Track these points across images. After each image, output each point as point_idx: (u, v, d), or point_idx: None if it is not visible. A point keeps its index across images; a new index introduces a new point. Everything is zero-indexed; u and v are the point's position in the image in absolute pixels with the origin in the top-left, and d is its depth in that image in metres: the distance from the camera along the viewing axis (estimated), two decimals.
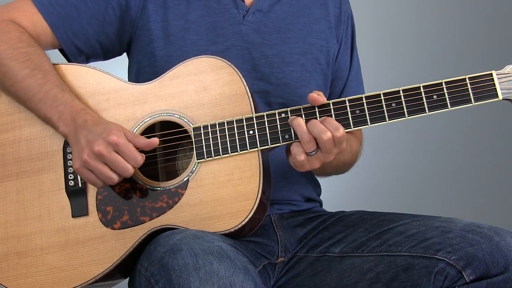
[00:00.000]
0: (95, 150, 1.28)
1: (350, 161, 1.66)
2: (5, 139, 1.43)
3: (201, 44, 1.52)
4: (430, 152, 3.35)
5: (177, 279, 1.11)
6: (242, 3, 1.57)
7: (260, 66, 1.54)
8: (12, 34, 1.44)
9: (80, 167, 1.31)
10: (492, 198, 3.34)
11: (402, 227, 1.40)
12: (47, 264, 1.36)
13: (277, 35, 1.57)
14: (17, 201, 1.40)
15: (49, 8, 1.50)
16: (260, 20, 1.57)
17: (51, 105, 1.37)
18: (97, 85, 1.43)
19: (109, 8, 1.52)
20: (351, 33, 1.73)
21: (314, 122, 1.30)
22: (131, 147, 1.29)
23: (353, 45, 1.73)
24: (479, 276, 1.24)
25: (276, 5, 1.60)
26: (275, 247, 1.51)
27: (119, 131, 1.30)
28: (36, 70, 1.40)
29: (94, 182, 1.32)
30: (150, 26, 1.53)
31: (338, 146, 1.31)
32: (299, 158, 1.31)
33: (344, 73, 1.70)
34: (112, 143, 1.28)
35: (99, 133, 1.30)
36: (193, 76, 1.40)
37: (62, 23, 1.51)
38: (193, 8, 1.55)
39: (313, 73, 1.60)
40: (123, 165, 1.28)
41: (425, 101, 1.31)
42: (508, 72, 1.30)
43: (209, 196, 1.33)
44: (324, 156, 1.31)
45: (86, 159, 1.29)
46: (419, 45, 3.35)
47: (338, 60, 1.68)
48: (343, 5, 1.70)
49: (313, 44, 1.61)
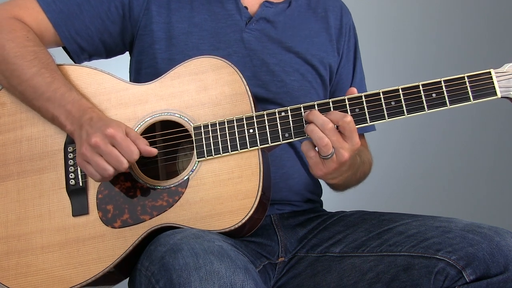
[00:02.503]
0: (92, 142, 1.28)
1: (369, 172, 1.67)
2: (6, 139, 1.44)
3: (203, 48, 1.52)
4: (430, 152, 3.35)
5: (178, 278, 1.11)
6: (245, 10, 1.58)
7: (260, 74, 1.55)
8: (18, 32, 1.44)
9: (79, 159, 1.32)
10: (492, 198, 3.34)
11: (402, 227, 1.40)
12: (47, 263, 1.36)
13: (278, 44, 1.58)
14: (18, 200, 1.40)
15: (52, 6, 1.50)
16: (262, 29, 1.57)
17: (59, 104, 1.37)
18: (99, 85, 1.44)
19: (111, 7, 1.53)
20: (353, 44, 1.73)
21: (315, 112, 1.31)
22: (128, 141, 1.29)
23: (356, 56, 1.73)
24: (479, 276, 1.25)
25: (280, 16, 1.61)
26: (275, 247, 1.52)
27: (118, 126, 1.31)
28: (44, 69, 1.41)
29: (92, 174, 1.32)
30: (153, 27, 1.53)
31: (350, 140, 1.29)
32: (311, 154, 1.31)
33: (346, 85, 1.70)
34: (109, 136, 1.28)
35: (99, 126, 1.30)
36: (193, 76, 1.40)
37: (64, 22, 1.51)
38: (196, 12, 1.55)
39: (313, 83, 1.61)
40: (117, 158, 1.28)
41: (424, 99, 1.31)
42: (507, 70, 1.31)
43: (209, 194, 1.33)
44: (338, 154, 1.29)
45: (84, 151, 1.30)
46: (418, 44, 3.35)
47: (340, 73, 1.69)
48: (344, 17, 1.70)
49: (313, 56, 1.61)
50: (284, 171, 1.54)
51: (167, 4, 1.55)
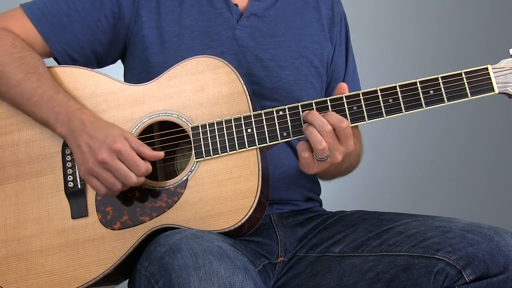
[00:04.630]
0: (99, 159, 1.29)
1: (357, 163, 1.68)
2: (3, 142, 1.43)
3: (196, 49, 1.52)
4: (430, 152, 3.35)
5: (177, 278, 1.11)
6: (235, 7, 1.58)
7: (255, 70, 1.55)
8: (5, 40, 1.45)
9: (85, 174, 1.32)
10: (492, 198, 3.34)
11: (402, 227, 1.40)
12: (47, 266, 1.36)
13: (271, 39, 1.58)
14: (17, 204, 1.40)
15: (41, 19, 1.50)
16: (254, 25, 1.57)
17: (46, 107, 1.37)
18: (95, 86, 1.44)
19: (101, 16, 1.52)
20: (345, 34, 1.73)
21: (314, 113, 1.31)
22: (134, 155, 1.30)
23: (348, 45, 1.73)
24: (479, 276, 1.24)
25: (270, 9, 1.61)
26: (275, 246, 1.51)
27: (122, 138, 1.31)
28: (30, 74, 1.40)
29: (98, 188, 1.32)
30: (144, 33, 1.53)
31: (345, 144, 1.30)
32: (304, 155, 1.32)
33: (340, 74, 1.70)
34: (116, 151, 1.29)
35: (102, 140, 1.30)
36: (190, 76, 1.40)
37: (54, 34, 1.51)
38: (186, 13, 1.55)
39: (308, 76, 1.61)
40: (125, 174, 1.29)
41: (422, 96, 1.31)
42: (504, 66, 1.31)
43: (208, 194, 1.33)
44: (332, 155, 1.31)
45: (92, 167, 1.30)
46: (414, 41, 3.35)
47: (334, 62, 1.69)
48: (335, 7, 1.71)
49: (307, 48, 1.61)
50: (283, 170, 1.54)
51: (157, 9, 1.55)
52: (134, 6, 1.53)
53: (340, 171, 1.63)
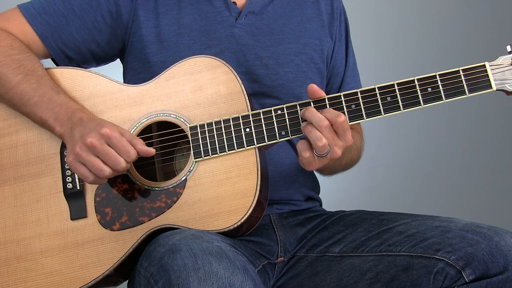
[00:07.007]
0: (87, 142, 1.27)
1: (357, 158, 1.68)
2: (1, 144, 1.43)
3: (195, 48, 1.52)
4: (430, 152, 3.35)
5: (176, 279, 1.10)
6: (234, 5, 1.58)
7: (254, 68, 1.54)
8: (3, 42, 1.45)
9: (72, 160, 1.30)
10: (492, 198, 3.34)
11: (402, 227, 1.40)
12: (46, 268, 1.36)
13: (271, 36, 1.58)
14: (15, 206, 1.40)
15: (37, 18, 1.50)
16: (252, 22, 1.57)
17: (46, 108, 1.37)
18: (93, 87, 1.44)
19: (98, 16, 1.52)
20: (344, 29, 1.73)
21: (311, 109, 1.31)
22: (124, 141, 1.28)
23: (348, 40, 1.73)
24: (478, 276, 1.24)
25: (268, 6, 1.61)
26: (274, 247, 1.51)
27: (113, 125, 1.30)
28: (30, 76, 1.41)
29: (85, 175, 1.30)
30: (142, 33, 1.53)
31: (343, 138, 1.31)
32: (305, 155, 1.31)
33: (341, 70, 1.70)
34: (105, 135, 1.27)
35: (93, 127, 1.30)
36: (188, 76, 1.40)
37: (51, 33, 1.51)
38: (185, 12, 1.55)
39: (308, 72, 1.60)
40: (115, 158, 1.27)
41: (420, 94, 1.32)
42: (501, 63, 1.32)
43: (207, 194, 1.33)
44: (332, 151, 1.31)
45: (78, 151, 1.29)
46: (412, 39, 3.36)
47: (334, 58, 1.69)
48: (334, 2, 1.70)
49: (306, 44, 1.61)
50: (282, 169, 1.54)
51: (155, 8, 1.55)
52: (132, 6, 1.53)
53: (341, 166, 1.63)
